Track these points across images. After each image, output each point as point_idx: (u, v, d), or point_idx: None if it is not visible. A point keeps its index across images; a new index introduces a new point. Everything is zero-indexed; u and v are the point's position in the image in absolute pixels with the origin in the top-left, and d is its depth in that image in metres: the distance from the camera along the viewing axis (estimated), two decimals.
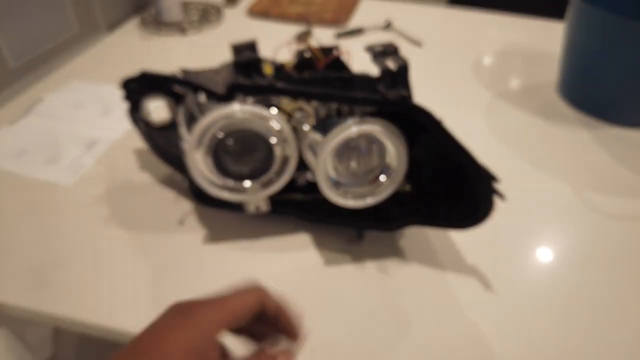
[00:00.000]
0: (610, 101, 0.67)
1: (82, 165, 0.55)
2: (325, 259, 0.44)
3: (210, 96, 0.42)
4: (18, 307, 0.41)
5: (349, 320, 0.39)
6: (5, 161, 0.56)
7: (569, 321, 0.40)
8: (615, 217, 0.52)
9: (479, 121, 0.66)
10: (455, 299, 0.41)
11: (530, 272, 0.45)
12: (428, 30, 0.91)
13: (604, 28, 0.62)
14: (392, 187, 0.39)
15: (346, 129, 0.36)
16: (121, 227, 0.47)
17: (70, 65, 0.78)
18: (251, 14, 0.96)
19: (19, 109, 0.65)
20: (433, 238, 0.47)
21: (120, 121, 0.62)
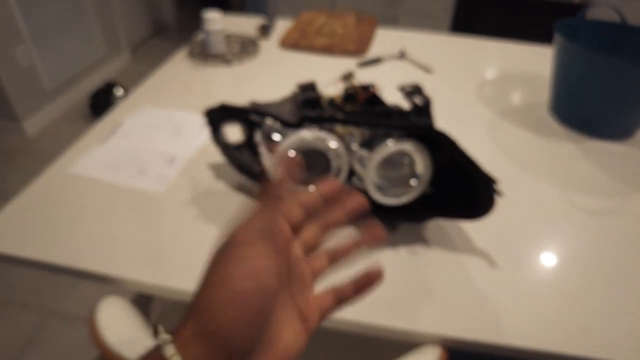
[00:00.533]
0: (591, 119, 0.81)
1: (167, 177, 0.69)
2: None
3: (283, 123, 0.56)
4: (136, 282, 0.54)
5: (387, 289, 0.53)
6: (104, 173, 0.70)
7: (557, 288, 0.53)
8: (594, 212, 0.65)
9: (483, 137, 0.81)
10: (468, 274, 0.55)
11: (525, 253, 0.58)
12: (436, 57, 1.06)
13: (581, 61, 0.76)
14: (420, 188, 0.53)
15: (387, 147, 0.50)
16: (208, 223, 0.61)
17: (137, 92, 0.92)
18: (283, 46, 1.11)
19: (104, 131, 0.80)
20: (449, 229, 0.60)
21: (191, 140, 0.77)
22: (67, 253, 0.56)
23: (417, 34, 1.22)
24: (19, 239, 0.58)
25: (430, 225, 0.61)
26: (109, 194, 0.66)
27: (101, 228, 0.60)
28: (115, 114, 0.84)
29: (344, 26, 1.19)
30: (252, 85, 0.96)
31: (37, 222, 0.61)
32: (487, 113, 0.88)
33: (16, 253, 0.57)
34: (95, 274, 0.55)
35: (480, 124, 0.84)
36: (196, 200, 0.65)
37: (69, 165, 0.71)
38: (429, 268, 0.55)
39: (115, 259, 0.56)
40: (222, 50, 1.04)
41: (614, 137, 0.80)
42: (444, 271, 0.55)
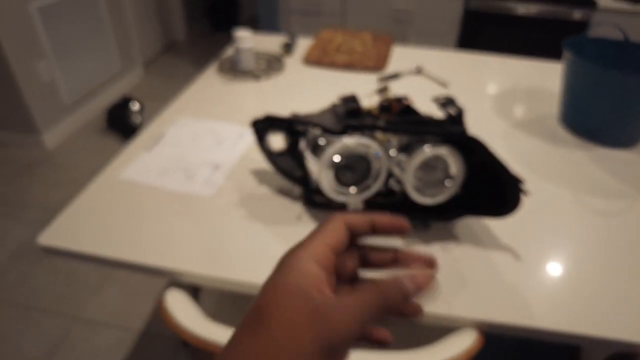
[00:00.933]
0: (599, 129, 0.88)
1: (215, 182, 0.75)
2: (405, 243, 0.64)
3: (326, 132, 0.63)
4: (194, 274, 0.60)
5: None
6: (153, 179, 0.76)
7: (576, 278, 0.59)
8: (605, 213, 0.71)
9: (500, 146, 0.87)
10: (496, 266, 0.61)
11: (545, 248, 0.64)
12: (450, 72, 1.13)
13: (589, 75, 0.83)
14: (454, 189, 0.59)
15: (424, 152, 0.57)
16: (258, 222, 0.67)
17: (174, 104, 0.99)
18: (306, 62, 1.18)
19: (149, 140, 0.86)
20: (476, 228, 0.66)
21: (232, 149, 0.83)
22: (127, 249, 0.62)
23: (431, 51, 1.29)
24: (80, 236, 0.64)
25: (460, 224, 0.67)
26: (160, 197, 0.72)
27: (157, 227, 0.66)
28: (155, 125, 0.91)
29: (362, 44, 1.27)
30: (279, 99, 1.03)
31: (94, 222, 0.66)
32: (502, 124, 0.94)
33: (80, 249, 0.62)
34: (155, 268, 0.61)
35: (496, 134, 0.91)
36: (243, 202, 0.71)
37: (118, 172, 0.77)
38: (461, 261, 0.61)
39: (173, 254, 0.62)
40: (251, 66, 1.11)
41: (620, 145, 0.87)
42: (474, 264, 0.61)
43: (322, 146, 0.60)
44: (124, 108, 2.35)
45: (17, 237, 1.73)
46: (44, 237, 0.63)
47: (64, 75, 2.32)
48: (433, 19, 2.31)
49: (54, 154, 2.23)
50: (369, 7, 2.33)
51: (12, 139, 2.26)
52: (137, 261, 0.61)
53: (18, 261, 1.64)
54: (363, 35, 1.33)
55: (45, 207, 1.88)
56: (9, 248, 1.69)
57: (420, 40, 2.38)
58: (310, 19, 2.42)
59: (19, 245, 1.70)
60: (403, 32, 2.37)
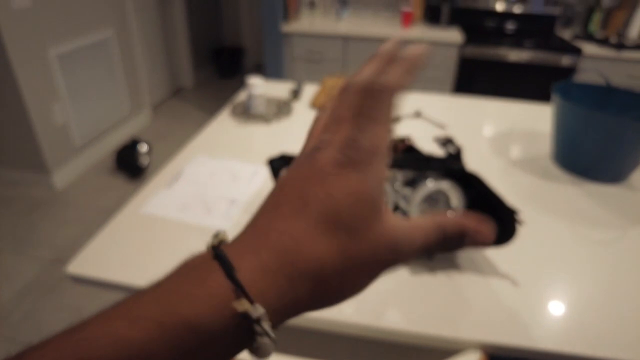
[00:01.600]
0: (589, 166, 0.94)
1: (232, 216, 0.80)
2: (411, 271, 0.68)
3: None
4: None
5: (430, 304, 0.62)
6: (173, 213, 0.81)
7: (573, 302, 0.63)
8: (598, 242, 0.76)
9: (497, 183, 0.93)
10: (497, 292, 0.65)
11: (543, 275, 0.68)
12: (447, 115, 1.21)
13: (577, 117, 0.91)
14: None
15: (427, 186, 0.62)
16: None
17: (191, 143, 1.05)
18: (313, 107, 1.27)
19: (167, 177, 0.92)
20: (477, 257, 0.71)
21: (248, 185, 0.89)
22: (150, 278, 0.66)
23: (428, 95, 1.39)
24: (106, 265, 0.68)
25: (462, 254, 0.71)
26: (180, 230, 0.77)
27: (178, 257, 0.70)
28: (174, 164, 0.97)
29: None
30: (289, 140, 1.10)
31: (119, 252, 0.71)
32: (498, 163, 1.01)
33: (107, 277, 0.66)
34: None
35: (494, 172, 0.97)
36: None
37: (140, 207, 0.82)
38: (464, 288, 0.65)
39: None
40: (262, 110, 1.19)
41: (609, 180, 0.93)
42: (477, 290, 0.65)
43: None
44: (132, 149, 2.44)
45: (24, 275, 1.75)
46: (73, 266, 0.68)
47: (76, 118, 2.43)
48: (430, 66, 2.45)
49: (63, 194, 2.28)
50: (368, 55, 2.47)
51: (23, 178, 2.33)
52: None
53: (24, 299, 1.65)
54: None
55: (53, 245, 1.91)
56: (15, 286, 1.70)
57: (418, 86, 2.51)
58: (313, 66, 2.57)
59: (25, 283, 1.72)
60: None
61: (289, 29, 2.46)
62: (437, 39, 2.37)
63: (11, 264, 1.80)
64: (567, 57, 2.27)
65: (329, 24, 2.58)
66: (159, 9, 3.33)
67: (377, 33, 2.41)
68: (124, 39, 2.78)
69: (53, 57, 2.20)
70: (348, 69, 2.55)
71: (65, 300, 1.63)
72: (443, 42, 2.38)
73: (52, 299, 1.64)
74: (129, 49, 2.84)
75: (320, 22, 2.63)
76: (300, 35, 2.48)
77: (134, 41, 2.88)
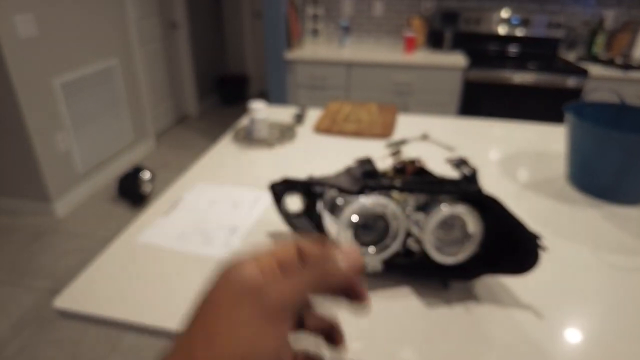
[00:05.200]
0: (607, 187, 0.90)
1: (232, 245, 0.76)
2: (425, 303, 0.63)
3: (343, 192, 0.64)
4: None
5: (447, 340, 0.57)
6: (171, 242, 0.77)
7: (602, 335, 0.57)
8: (623, 269, 0.71)
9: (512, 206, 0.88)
10: (518, 325, 0.59)
11: (568, 306, 0.63)
12: (455, 138, 1.18)
13: (593, 137, 0.87)
14: (473, 247, 0.60)
15: (441, 211, 0.58)
16: None
17: (191, 170, 1.02)
18: (316, 131, 1.24)
19: (166, 204, 0.88)
20: (496, 287, 0.66)
21: (250, 212, 0.85)
22: (143, 312, 0.61)
23: (435, 118, 1.36)
24: (96, 299, 0.63)
25: (479, 284, 0.66)
26: (178, 260, 0.72)
27: (174, 290, 0.65)
28: (173, 191, 0.93)
29: (368, 114, 1.34)
30: (293, 165, 1.07)
31: (111, 285, 0.66)
32: (512, 186, 0.97)
33: (95, 312, 0.62)
34: (170, 332, 0.59)
35: (507, 196, 0.92)
36: None
37: (136, 236, 0.78)
38: (483, 322, 0.60)
39: None
40: (265, 135, 1.16)
41: (631, 202, 0.88)
42: (497, 324, 0.59)
43: (340, 206, 0.62)
44: (134, 177, 2.42)
45: (21, 306, 1.69)
46: (60, 300, 0.63)
47: (79, 146, 2.42)
48: (434, 90, 2.44)
49: (64, 222, 2.25)
50: (371, 81, 2.48)
51: (25, 207, 2.30)
52: (152, 325, 0.60)
53: (21, 331, 1.58)
54: (369, 106, 1.40)
55: (53, 275, 1.86)
56: (12, 318, 1.64)
57: (423, 110, 2.50)
58: (317, 93, 2.57)
59: (22, 314, 1.66)
60: (405, 103, 2.50)
61: (292, 57, 2.48)
62: (441, 64, 2.38)
63: (8, 296, 1.75)
64: (573, 78, 2.26)
65: (332, 50, 2.60)
66: (164, 39, 3.39)
67: (381, 59, 2.42)
68: (128, 68, 2.81)
69: (57, 85, 2.21)
70: (350, 96, 2.54)
71: (63, 333, 1.56)
72: (447, 67, 2.38)
73: (49, 332, 1.57)
74: (132, 77, 2.87)
75: (323, 49, 2.65)
76: (303, 62, 2.49)
77: (137, 70, 2.91)
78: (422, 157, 0.71)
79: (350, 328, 0.58)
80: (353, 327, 0.58)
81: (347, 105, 1.42)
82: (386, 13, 2.81)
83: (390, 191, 0.63)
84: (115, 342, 1.52)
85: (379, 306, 0.62)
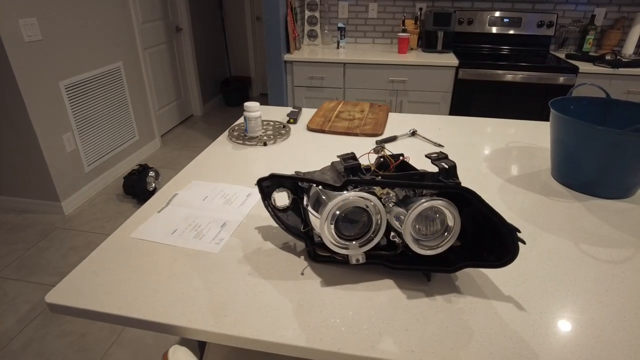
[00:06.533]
0: (591, 182, 0.91)
1: (222, 239, 0.78)
2: (407, 295, 0.64)
3: (327, 187, 0.66)
4: (202, 331, 0.60)
5: (429, 331, 0.58)
6: (163, 237, 0.79)
7: (583, 327, 0.58)
8: (607, 261, 0.72)
9: (496, 199, 0.90)
10: (499, 317, 0.60)
11: (548, 298, 0.64)
12: (444, 135, 1.19)
13: (576, 131, 0.88)
14: (452, 240, 0.61)
15: (421, 204, 0.60)
16: (262, 278, 0.68)
17: (188, 168, 1.04)
18: (310, 129, 1.26)
19: (160, 202, 0.90)
20: (478, 279, 0.67)
21: (241, 207, 0.87)
22: (134, 307, 0.63)
23: (425, 116, 1.37)
24: (88, 294, 0.65)
25: (461, 276, 0.67)
26: (169, 255, 0.74)
27: (165, 284, 0.67)
28: (167, 188, 0.95)
29: (360, 112, 1.35)
30: (286, 161, 1.09)
31: (103, 280, 0.68)
32: (496, 179, 0.98)
33: (87, 307, 0.64)
34: (161, 325, 0.61)
35: (492, 189, 0.94)
36: (248, 259, 0.72)
37: (130, 231, 0.81)
38: (465, 313, 0.61)
39: (180, 310, 0.63)
40: (259, 133, 1.18)
41: (614, 196, 0.89)
42: (479, 315, 0.61)
43: (324, 201, 0.64)
44: (140, 175, 2.45)
45: (28, 302, 1.72)
46: (51, 296, 0.65)
47: (85, 146, 2.47)
48: (427, 89, 2.46)
49: (72, 219, 2.28)
50: (367, 81, 2.50)
51: (33, 206, 2.35)
52: (143, 318, 0.62)
53: (27, 325, 1.61)
54: (362, 105, 1.42)
55: (59, 270, 1.89)
56: (19, 312, 1.67)
57: (417, 110, 2.51)
58: (315, 93, 2.59)
59: (29, 309, 1.69)
60: (400, 103, 2.51)
61: (290, 58, 2.50)
62: (434, 63, 2.39)
63: (17, 291, 1.78)
64: (564, 75, 2.27)
65: (329, 52, 2.62)
66: (168, 43, 3.42)
67: (376, 59, 2.43)
68: (133, 70, 2.84)
69: (63, 88, 2.24)
70: (347, 95, 2.56)
71: (68, 327, 1.59)
72: (440, 66, 2.39)
73: (55, 326, 1.60)
74: (138, 80, 2.90)
75: (320, 50, 2.67)
76: (301, 64, 2.51)
77: (142, 72, 2.94)
78: (408, 153, 0.72)
79: (333, 319, 0.60)
80: (335, 318, 0.60)
81: (341, 104, 1.44)
82: (381, 15, 2.83)
83: (373, 186, 0.65)
84: (121, 335, 1.55)
85: (361, 298, 0.64)
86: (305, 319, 0.60)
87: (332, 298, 0.64)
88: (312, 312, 0.61)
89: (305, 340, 0.56)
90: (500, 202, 0.89)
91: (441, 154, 0.64)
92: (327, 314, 0.61)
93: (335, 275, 0.68)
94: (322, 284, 0.67)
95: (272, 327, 0.59)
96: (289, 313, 0.61)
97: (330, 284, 0.67)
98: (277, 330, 0.59)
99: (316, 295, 0.65)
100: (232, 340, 0.59)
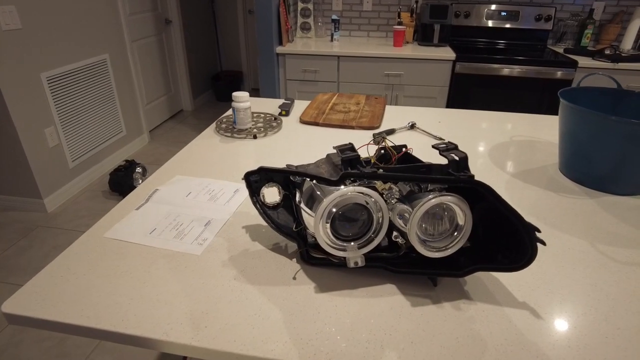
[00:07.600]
0: (603, 177, 0.85)
1: (205, 239, 0.70)
2: (412, 302, 0.58)
3: (322, 181, 0.59)
4: (181, 345, 0.53)
5: (436, 343, 0.52)
6: (141, 238, 0.71)
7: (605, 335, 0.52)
8: (626, 262, 0.66)
9: (503, 196, 0.83)
10: (514, 325, 0.54)
11: (566, 304, 0.58)
12: (443, 128, 1.13)
13: (589, 123, 0.82)
14: (462, 241, 0.55)
15: (429, 200, 0.53)
16: (249, 283, 0.61)
17: (171, 162, 0.97)
18: (303, 122, 1.19)
19: (139, 198, 0.83)
20: (488, 283, 0.61)
21: (227, 205, 0.79)
22: (104, 316, 0.56)
23: (423, 108, 1.31)
24: (52, 303, 0.58)
25: (470, 280, 0.61)
26: (146, 257, 0.67)
27: (140, 290, 0.60)
28: (148, 183, 0.88)
29: (356, 104, 1.29)
30: (277, 155, 1.02)
31: (70, 286, 0.61)
32: (502, 174, 0.92)
33: (49, 318, 0.56)
34: (133, 337, 0.54)
35: (498, 184, 0.88)
36: (234, 261, 0.65)
37: (105, 230, 0.73)
38: (476, 322, 0.55)
39: (156, 321, 0.55)
40: (249, 125, 1.11)
41: (629, 192, 0.83)
42: (491, 324, 0.54)
43: (318, 197, 0.57)
44: (127, 171, 2.36)
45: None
46: (9, 305, 0.57)
47: (69, 141, 2.37)
48: (424, 83, 2.40)
49: (55, 217, 2.19)
50: (361, 74, 2.43)
51: (13, 203, 2.24)
52: (114, 330, 0.55)
53: (2, 330, 1.52)
54: (358, 97, 1.35)
55: (40, 270, 1.80)
56: None
57: (412, 103, 2.45)
58: (308, 86, 2.51)
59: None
60: (395, 96, 2.45)
61: (283, 51, 2.42)
62: (430, 57, 2.33)
63: None
64: (563, 70, 2.22)
65: (323, 45, 2.55)
66: (157, 35, 3.32)
67: (371, 52, 2.36)
68: (121, 63, 2.74)
69: (45, 79, 2.14)
70: (341, 89, 2.49)
71: (47, 332, 1.50)
72: (436, 59, 2.33)
73: (33, 331, 1.51)
74: (124, 73, 2.80)
75: (313, 43, 2.60)
76: (294, 56, 2.44)
77: (130, 65, 2.84)
78: (409, 146, 0.65)
79: (328, 330, 0.53)
80: (331, 328, 0.53)
81: (335, 96, 1.37)
82: (376, 7, 2.75)
83: (373, 180, 0.58)
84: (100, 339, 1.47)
85: (360, 305, 0.57)
86: (297, 331, 0.53)
87: (328, 306, 0.57)
88: (305, 322, 0.55)
89: (297, 356, 0.50)
90: (508, 199, 0.83)
91: (450, 144, 0.58)
92: (322, 324, 0.54)
93: (331, 280, 0.61)
94: (317, 289, 0.60)
95: (260, 340, 0.52)
96: (279, 324, 0.54)
97: (326, 290, 0.60)
98: (265, 344, 0.52)
99: (310, 303, 0.58)
100: (213, 355, 0.52)
